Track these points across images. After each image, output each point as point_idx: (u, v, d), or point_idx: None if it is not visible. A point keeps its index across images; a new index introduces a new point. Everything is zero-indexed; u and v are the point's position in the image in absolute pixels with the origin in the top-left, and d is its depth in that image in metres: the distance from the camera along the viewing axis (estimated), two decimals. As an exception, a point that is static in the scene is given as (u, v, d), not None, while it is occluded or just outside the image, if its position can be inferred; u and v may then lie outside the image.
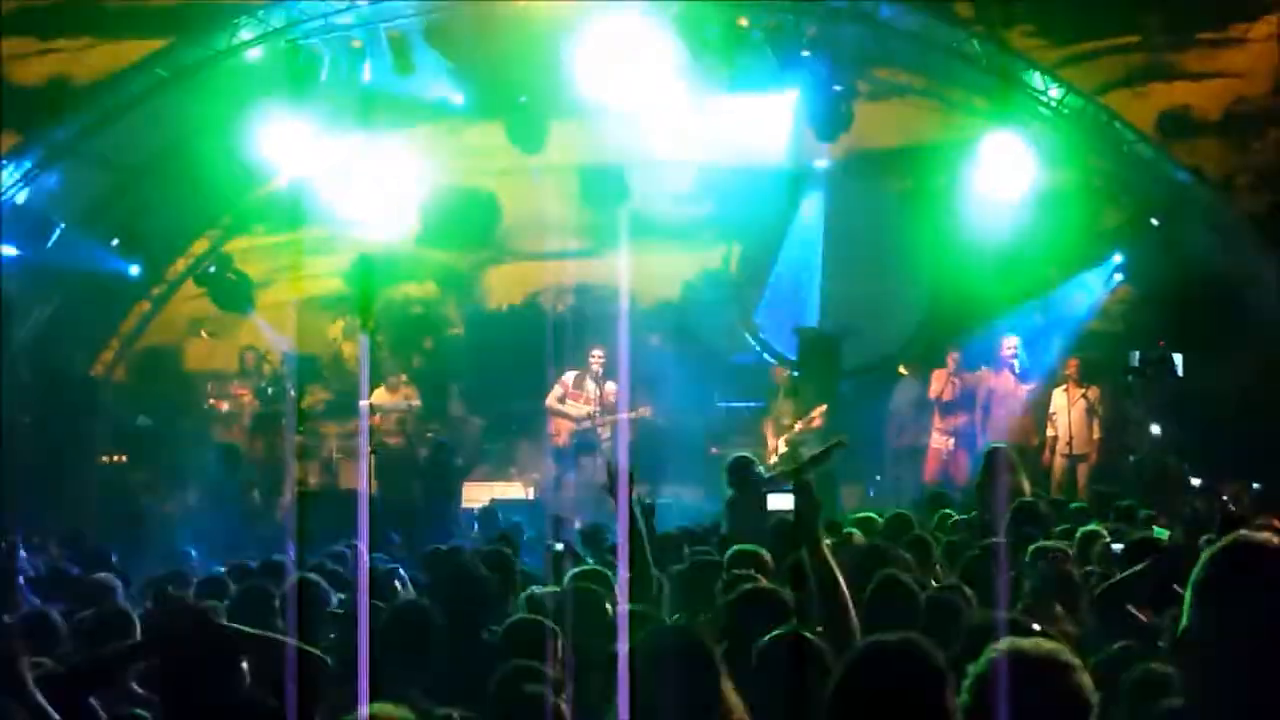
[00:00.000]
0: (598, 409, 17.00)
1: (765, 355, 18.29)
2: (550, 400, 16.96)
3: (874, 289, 17.47)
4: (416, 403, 17.57)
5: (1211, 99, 17.75)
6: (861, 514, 11.32)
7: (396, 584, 8.23)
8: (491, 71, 16.93)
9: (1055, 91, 17.11)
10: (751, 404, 17.64)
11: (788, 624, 5.07)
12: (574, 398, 17.07)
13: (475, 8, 16.55)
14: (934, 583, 7.66)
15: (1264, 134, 17.69)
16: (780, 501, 11.18)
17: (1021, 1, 18.03)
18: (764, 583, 6.33)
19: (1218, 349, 16.65)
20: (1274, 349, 16.48)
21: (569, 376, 17.06)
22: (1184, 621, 2.96)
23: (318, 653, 5.38)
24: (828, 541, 5.59)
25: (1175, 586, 4.90)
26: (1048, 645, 3.28)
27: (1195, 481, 14.68)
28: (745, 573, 6.91)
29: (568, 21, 16.19)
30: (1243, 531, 3.07)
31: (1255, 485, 14.46)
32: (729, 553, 7.88)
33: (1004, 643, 3.20)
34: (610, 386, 17.02)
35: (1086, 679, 3.23)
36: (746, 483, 11.65)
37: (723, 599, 6.12)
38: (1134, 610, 6.17)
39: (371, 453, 16.21)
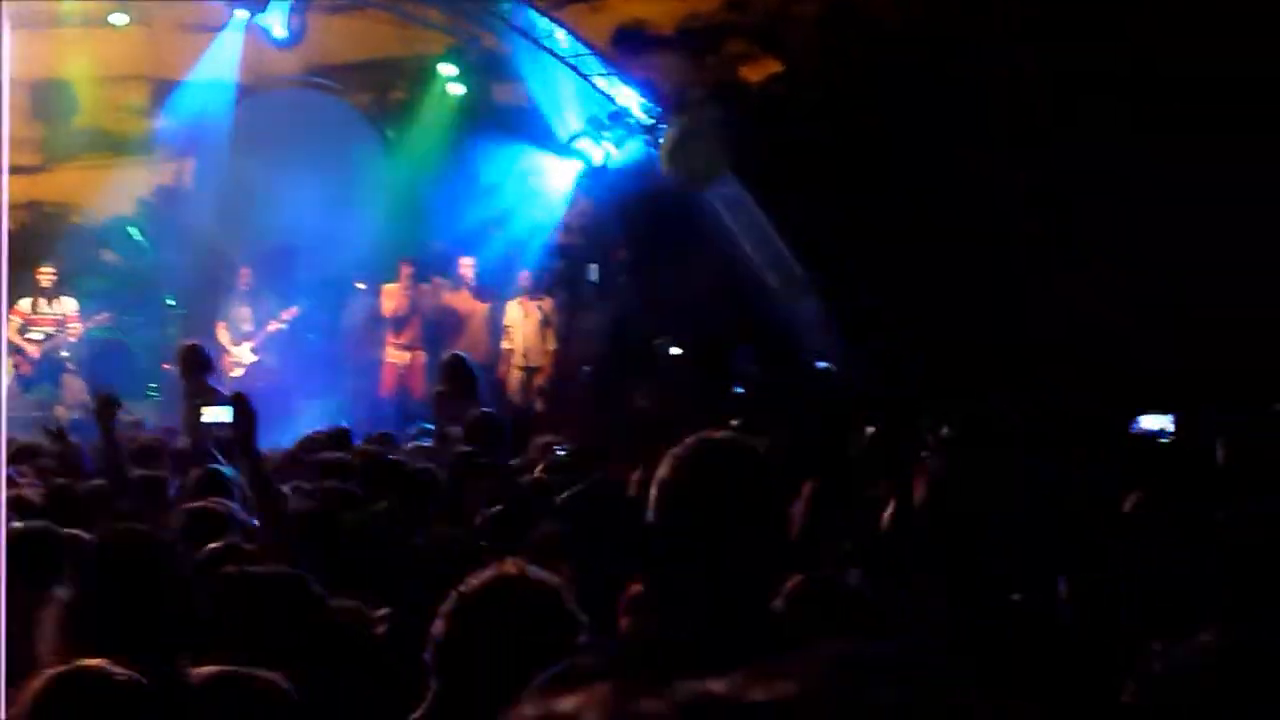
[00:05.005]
0: (57, 329, 16.72)
1: (224, 266, 17.99)
2: (11, 335, 16.36)
3: (330, 202, 17.39)
4: None
5: (666, 14, 17.97)
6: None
7: None
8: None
9: (507, 6, 17.23)
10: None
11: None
12: (35, 323, 16.69)
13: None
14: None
15: (718, 49, 17.99)
16: (215, 414, 11.33)
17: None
18: None
19: (677, 257, 17.15)
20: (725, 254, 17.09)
21: (24, 304, 16.55)
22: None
23: None
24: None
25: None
26: None
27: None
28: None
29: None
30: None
31: None
32: None
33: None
34: (67, 303, 16.77)
35: None
36: (194, 368, 11.90)
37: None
38: None
39: None
